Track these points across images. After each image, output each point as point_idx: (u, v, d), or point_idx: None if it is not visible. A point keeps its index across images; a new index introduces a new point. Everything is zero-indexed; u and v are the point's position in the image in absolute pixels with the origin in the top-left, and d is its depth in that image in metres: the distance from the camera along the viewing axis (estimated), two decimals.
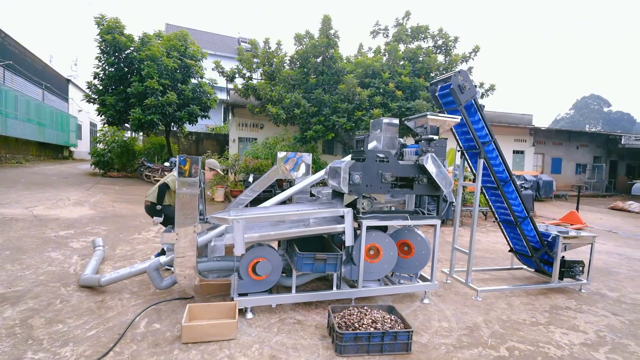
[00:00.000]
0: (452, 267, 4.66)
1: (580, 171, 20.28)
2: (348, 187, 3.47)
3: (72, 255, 4.75)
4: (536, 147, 18.77)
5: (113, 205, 8.36)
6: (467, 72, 3.98)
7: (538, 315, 3.75)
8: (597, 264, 5.75)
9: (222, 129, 20.73)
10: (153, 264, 3.51)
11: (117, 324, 3.04)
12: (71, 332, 2.88)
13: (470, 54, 10.51)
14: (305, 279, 3.85)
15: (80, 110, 22.48)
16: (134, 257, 4.86)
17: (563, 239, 4.36)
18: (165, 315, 3.25)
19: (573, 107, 58.49)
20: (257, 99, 10.76)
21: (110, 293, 3.65)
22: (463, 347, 2.99)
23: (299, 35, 10.48)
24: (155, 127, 12.89)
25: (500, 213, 4.69)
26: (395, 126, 4.21)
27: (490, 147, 4.22)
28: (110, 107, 12.26)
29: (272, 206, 4.11)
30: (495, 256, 6.14)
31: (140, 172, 13.44)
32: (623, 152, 21.02)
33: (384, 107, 9.59)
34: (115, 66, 12.42)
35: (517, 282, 4.78)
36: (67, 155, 20.60)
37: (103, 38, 11.85)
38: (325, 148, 14.47)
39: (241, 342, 2.87)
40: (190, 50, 13.43)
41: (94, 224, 6.53)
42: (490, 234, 8.15)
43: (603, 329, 3.50)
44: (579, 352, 3.02)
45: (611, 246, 7.32)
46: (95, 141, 15.18)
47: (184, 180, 3.15)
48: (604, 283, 4.93)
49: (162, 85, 11.86)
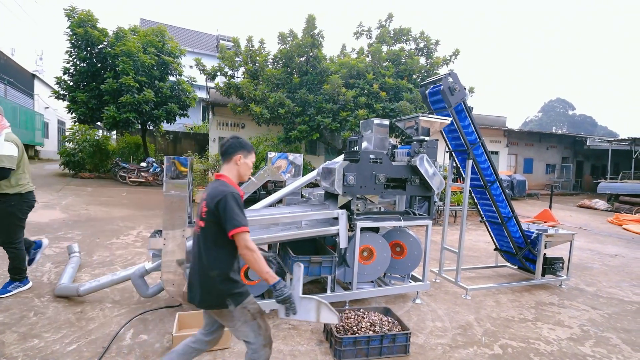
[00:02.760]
0: (442, 267, 4.72)
1: (550, 171, 21.32)
2: (342, 189, 3.43)
3: (45, 262, 4.43)
4: (510, 147, 19.57)
5: (87, 207, 7.91)
6: (457, 75, 4.04)
7: (525, 311, 3.86)
8: (573, 260, 6.02)
9: (201, 128, 20.18)
10: (138, 271, 3.31)
11: (100, 337, 2.84)
12: (49, 347, 2.66)
13: (450, 57, 10.76)
14: None
15: (47, 108, 21.19)
16: (113, 264, 4.60)
17: (545, 237, 4.52)
18: (152, 326, 3.07)
19: (541, 110, 61.51)
20: (239, 97, 10.53)
21: (91, 303, 3.42)
22: (459, 347, 3.02)
23: (282, 35, 10.35)
24: (131, 125, 12.35)
25: (486, 212, 4.80)
26: (385, 127, 4.20)
27: (478, 148, 4.31)
28: (81, 104, 11.62)
29: (262, 208, 3.99)
30: (479, 254, 6.30)
31: (115, 172, 12.82)
32: (588, 153, 22.33)
33: (369, 108, 9.64)
34: (87, 61, 11.79)
35: (502, 280, 4.92)
36: (32, 155, 19.35)
37: (74, 31, 11.21)
38: (308, 148, 14.40)
39: (235, 350, 2.75)
40: (168, 46, 12.97)
41: (67, 228, 6.14)
42: (471, 232, 8.38)
43: (586, 323, 3.65)
44: (567, 347, 3.12)
45: (583, 242, 7.71)
46: (65, 140, 14.36)
47: (172, 182, 3.00)
48: (581, 278, 5.17)
49: (138, 82, 11.36)
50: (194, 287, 1.90)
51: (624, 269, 5.77)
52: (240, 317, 1.87)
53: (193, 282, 1.91)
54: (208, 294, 1.84)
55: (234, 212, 1.77)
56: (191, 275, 1.94)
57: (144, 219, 7.34)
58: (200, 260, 1.87)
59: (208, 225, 1.84)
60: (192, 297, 1.91)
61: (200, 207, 1.90)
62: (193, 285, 1.91)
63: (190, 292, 1.92)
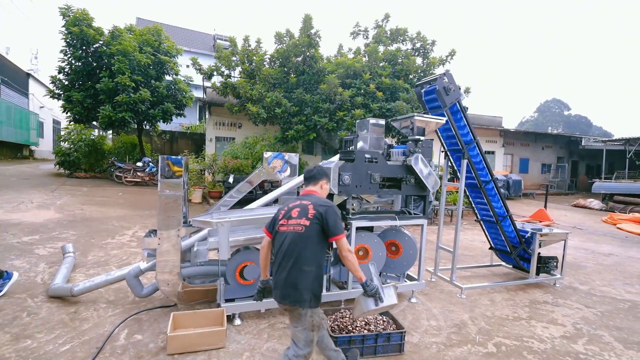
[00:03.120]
0: (437, 266, 4.75)
1: (546, 171, 21.45)
2: (338, 188, 3.43)
3: (39, 262, 4.40)
4: (506, 147, 19.66)
5: (82, 207, 7.86)
6: (452, 75, 4.06)
7: (519, 310, 3.89)
8: (566, 259, 6.06)
9: (197, 128, 20.11)
10: (132, 271, 3.30)
11: (94, 337, 2.83)
12: (42, 348, 2.64)
13: (447, 57, 10.80)
14: None
15: (42, 107, 21.03)
16: (108, 264, 4.58)
17: (540, 236, 4.55)
18: (147, 326, 3.06)
19: (537, 110, 61.88)
20: (236, 97, 10.51)
21: (84, 303, 3.40)
22: (453, 345, 3.03)
23: (279, 34, 10.35)
24: (127, 125, 12.27)
25: (481, 212, 4.83)
26: (381, 127, 4.21)
27: (473, 147, 4.34)
28: (77, 103, 11.53)
29: (257, 208, 3.99)
30: (474, 253, 6.34)
31: (111, 172, 12.74)
32: (583, 153, 22.49)
33: (365, 108, 9.65)
34: (82, 60, 11.69)
35: (497, 279, 4.95)
36: (27, 155, 19.22)
37: (69, 30, 11.12)
38: (305, 148, 14.39)
39: (231, 350, 2.76)
40: (164, 46, 12.89)
41: (61, 228, 6.10)
42: (467, 231, 8.42)
43: (579, 321, 3.68)
44: (560, 345, 3.15)
45: (577, 241, 7.77)
46: (60, 140, 14.24)
47: (167, 182, 2.99)
48: (575, 277, 5.21)
49: (134, 82, 11.29)
50: (279, 283, 2.07)
51: (617, 268, 5.83)
52: (304, 322, 2.06)
53: (279, 279, 2.07)
54: (294, 288, 2.02)
55: (338, 222, 2.12)
56: (277, 272, 2.09)
57: (140, 219, 7.31)
58: (295, 256, 2.05)
59: (312, 226, 2.09)
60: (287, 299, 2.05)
61: (297, 211, 2.16)
62: (278, 282, 2.08)
63: (286, 297, 2.05)
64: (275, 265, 2.14)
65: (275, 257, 2.17)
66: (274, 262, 2.19)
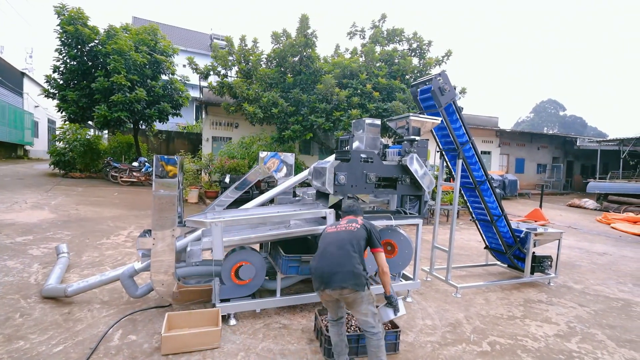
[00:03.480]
0: (432, 265, 4.76)
1: (541, 171, 21.59)
2: (333, 188, 3.44)
3: (32, 263, 4.36)
4: (502, 148, 19.77)
5: (77, 208, 7.81)
6: (447, 75, 4.08)
7: (514, 309, 3.91)
8: (561, 258, 6.09)
9: (194, 128, 20.04)
10: (127, 271, 3.29)
11: (87, 338, 2.81)
12: (34, 349, 2.62)
13: (443, 58, 10.84)
14: (290, 282, 3.77)
15: (36, 106, 20.87)
16: (102, 264, 4.55)
17: (534, 236, 4.58)
18: (141, 326, 3.05)
19: (533, 111, 62.24)
20: (232, 97, 10.49)
21: (79, 304, 3.38)
22: (448, 344, 3.05)
23: (276, 34, 10.33)
24: (123, 125, 12.22)
25: (476, 211, 4.85)
26: (377, 127, 4.22)
27: (468, 147, 4.36)
28: (72, 103, 11.45)
29: (252, 208, 3.99)
30: (470, 253, 6.36)
31: (106, 172, 12.67)
32: (578, 153, 22.65)
33: (362, 108, 9.67)
34: (77, 59, 11.62)
35: (492, 278, 4.97)
36: (21, 155, 19.06)
37: (64, 29, 11.04)
38: (302, 148, 14.38)
39: (225, 350, 2.75)
40: (160, 45, 12.84)
41: (55, 228, 6.06)
42: (463, 231, 8.46)
43: (572, 320, 3.71)
44: (554, 343, 3.17)
45: (572, 241, 7.83)
46: (55, 139, 14.14)
47: (161, 182, 2.97)
48: (569, 276, 5.25)
49: (130, 81, 11.24)
50: (336, 272, 2.34)
51: (611, 267, 5.88)
52: (367, 299, 2.41)
53: (335, 268, 2.36)
54: (353, 276, 2.33)
55: (379, 238, 2.59)
56: (332, 263, 2.39)
57: (135, 219, 7.27)
58: (348, 251, 2.42)
59: (360, 232, 2.54)
60: (334, 280, 2.33)
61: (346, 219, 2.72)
62: (335, 270, 2.35)
63: (333, 276, 2.34)
64: (322, 256, 2.47)
65: (323, 249, 2.51)
66: (320, 255, 2.51)
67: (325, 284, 2.36)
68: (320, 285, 2.39)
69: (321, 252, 2.51)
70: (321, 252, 2.51)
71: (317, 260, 2.50)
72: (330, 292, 2.36)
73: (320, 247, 2.57)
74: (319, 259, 2.49)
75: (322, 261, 2.45)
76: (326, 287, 2.35)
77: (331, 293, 2.36)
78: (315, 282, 2.44)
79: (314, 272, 2.46)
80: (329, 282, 2.34)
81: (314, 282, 2.45)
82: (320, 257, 2.49)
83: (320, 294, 2.46)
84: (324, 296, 2.44)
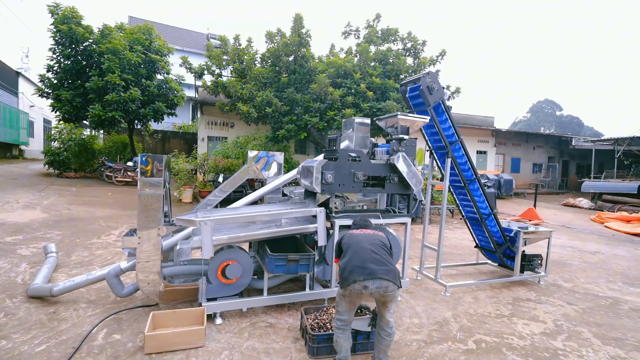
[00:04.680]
0: (422, 264, 4.77)
1: (537, 170, 21.67)
2: (321, 187, 3.43)
3: (20, 263, 4.34)
4: (497, 147, 19.83)
5: (69, 207, 7.78)
6: (436, 74, 4.09)
7: (502, 307, 3.92)
8: (552, 257, 6.13)
9: (190, 128, 19.98)
10: (113, 270, 3.27)
11: (71, 337, 2.80)
12: (17, 348, 2.61)
13: (437, 57, 10.86)
14: (278, 281, 3.77)
15: (32, 106, 20.75)
16: (91, 264, 4.53)
17: (524, 235, 4.60)
18: (126, 325, 3.04)
19: (530, 111, 62.47)
20: (227, 96, 10.47)
21: (64, 304, 3.37)
22: (433, 343, 3.05)
23: (270, 33, 10.32)
24: (117, 124, 12.17)
25: (466, 210, 4.86)
26: (367, 126, 4.23)
27: (457, 147, 4.36)
28: (66, 102, 11.39)
29: (242, 207, 3.98)
30: (462, 252, 6.38)
31: (101, 172, 12.62)
32: (573, 152, 22.76)
33: (356, 107, 9.67)
34: (71, 59, 11.56)
35: (482, 277, 4.98)
36: (17, 155, 18.95)
37: (58, 28, 10.98)
38: (297, 148, 14.38)
39: (210, 349, 2.74)
40: (155, 44, 12.79)
41: (46, 228, 6.03)
42: (457, 230, 8.47)
43: (560, 318, 3.72)
44: (539, 341, 3.18)
45: (565, 240, 7.86)
46: (50, 139, 14.07)
47: (147, 181, 2.96)
48: (560, 275, 5.27)
49: (124, 81, 11.19)
50: (383, 266, 2.38)
51: (602, 266, 5.90)
52: (397, 296, 2.56)
53: (380, 265, 2.39)
54: (395, 274, 2.39)
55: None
56: (374, 258, 2.42)
57: (128, 219, 7.25)
58: (385, 251, 2.53)
59: (386, 240, 2.68)
60: (381, 272, 2.34)
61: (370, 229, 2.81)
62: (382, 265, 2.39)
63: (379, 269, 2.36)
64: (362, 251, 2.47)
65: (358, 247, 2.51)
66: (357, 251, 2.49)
67: (371, 274, 2.30)
68: (366, 277, 2.29)
69: (358, 249, 2.47)
70: (357, 249, 2.48)
71: (355, 255, 2.44)
72: (375, 285, 2.29)
73: (353, 245, 2.52)
74: (358, 254, 2.43)
75: (364, 255, 2.42)
76: (373, 277, 2.29)
77: (375, 286, 2.30)
78: (353, 275, 2.32)
79: (354, 265, 2.37)
80: (375, 273, 2.30)
81: (351, 275, 2.33)
82: (359, 252, 2.44)
83: (355, 289, 2.31)
84: (360, 292, 2.33)
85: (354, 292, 2.35)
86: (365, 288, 2.30)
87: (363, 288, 2.30)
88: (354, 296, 2.39)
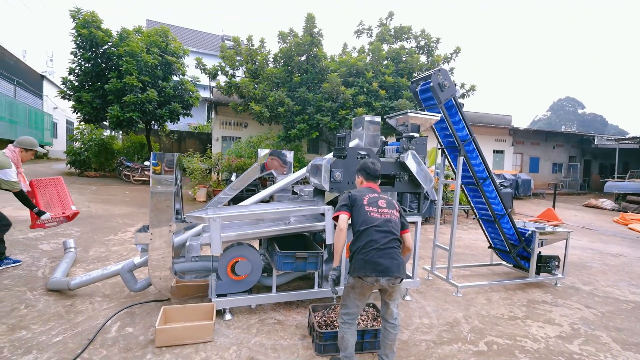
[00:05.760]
0: (434, 264, 4.69)
1: (557, 170, 20.99)
2: (329, 185, 3.43)
3: (41, 257, 4.53)
4: (515, 147, 19.31)
5: (88, 205, 8.05)
6: (447, 71, 4.01)
7: (516, 309, 3.81)
8: (571, 259, 5.93)
9: (205, 128, 20.36)
10: (126, 265, 3.37)
11: (86, 329, 2.90)
12: (35, 338, 2.72)
13: (451, 55, 10.68)
14: (286, 279, 3.79)
15: (55, 108, 21.61)
16: (108, 259, 4.67)
17: (540, 235, 4.46)
18: (139, 319, 3.12)
19: (550, 109, 60.56)
20: (240, 97, 10.60)
21: (81, 297, 3.49)
22: (443, 343, 3.00)
23: (282, 34, 10.39)
24: (135, 125, 12.51)
25: (480, 210, 4.75)
26: (377, 124, 4.19)
27: (470, 145, 4.27)
28: (86, 104, 11.82)
29: (251, 204, 4.02)
30: (475, 252, 6.24)
31: (119, 171, 13.02)
32: (596, 152, 21.91)
33: (368, 106, 9.62)
34: (92, 62, 11.97)
35: (496, 278, 4.86)
36: (41, 155, 19.75)
37: (79, 32, 11.40)
38: (310, 147, 14.42)
39: (218, 344, 2.78)
40: (171, 46, 13.09)
41: (66, 225, 6.24)
42: (471, 231, 8.30)
43: (577, 321, 3.59)
44: (554, 345, 3.08)
45: (585, 242, 7.58)
46: (72, 140, 14.62)
47: (159, 178, 3.03)
48: (578, 277, 5.08)
49: (141, 82, 11.51)
50: (393, 262, 2.34)
51: (624, 269, 5.66)
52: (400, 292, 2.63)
53: (392, 261, 2.34)
54: (403, 267, 2.40)
55: (406, 220, 2.65)
56: (386, 255, 2.35)
57: (144, 217, 7.44)
58: (396, 243, 2.44)
59: (399, 222, 2.54)
60: (392, 270, 2.32)
61: (383, 202, 2.57)
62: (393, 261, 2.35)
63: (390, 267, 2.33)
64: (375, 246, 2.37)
65: (371, 238, 2.40)
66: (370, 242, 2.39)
67: (384, 271, 2.30)
68: (378, 275, 2.30)
69: (372, 240, 2.37)
70: (372, 239, 2.38)
71: (368, 245, 2.37)
72: (386, 279, 2.32)
73: (368, 231, 2.41)
74: (371, 246, 2.36)
75: (378, 247, 2.35)
76: (384, 275, 2.30)
77: (386, 279, 2.32)
78: (365, 269, 2.32)
79: (367, 258, 2.34)
80: (389, 271, 2.31)
81: (362, 269, 2.33)
82: (372, 244, 2.36)
83: (368, 281, 2.33)
84: (372, 284, 2.34)
85: (365, 284, 2.36)
86: (376, 281, 2.33)
87: (375, 281, 2.33)
88: (366, 288, 2.39)
